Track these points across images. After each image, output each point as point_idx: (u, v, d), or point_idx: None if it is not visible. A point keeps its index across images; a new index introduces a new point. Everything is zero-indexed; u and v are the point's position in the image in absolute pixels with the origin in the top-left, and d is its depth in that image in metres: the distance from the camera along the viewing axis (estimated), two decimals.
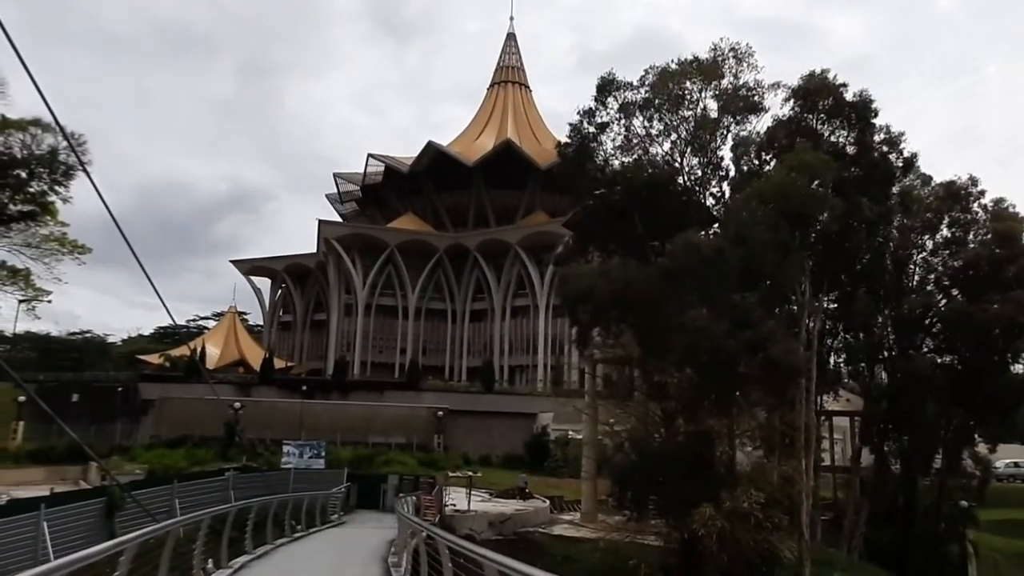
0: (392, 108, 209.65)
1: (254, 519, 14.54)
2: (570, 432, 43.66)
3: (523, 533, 24.49)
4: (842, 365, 33.20)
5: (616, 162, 23.58)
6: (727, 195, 23.04)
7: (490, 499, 29.55)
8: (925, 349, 30.58)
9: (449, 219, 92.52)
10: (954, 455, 31.35)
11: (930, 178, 31.49)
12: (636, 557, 17.15)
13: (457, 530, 21.81)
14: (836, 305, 28.24)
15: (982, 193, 30.41)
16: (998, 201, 30.65)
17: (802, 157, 18.84)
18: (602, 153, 23.55)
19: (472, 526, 23.98)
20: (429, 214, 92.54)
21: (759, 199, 18.79)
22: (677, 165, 23.50)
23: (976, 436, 32.34)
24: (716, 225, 22.91)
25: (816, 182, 19.12)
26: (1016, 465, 48.44)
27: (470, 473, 28.91)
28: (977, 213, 30.51)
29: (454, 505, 25.81)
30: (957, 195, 30.64)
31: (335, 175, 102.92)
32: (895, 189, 26.60)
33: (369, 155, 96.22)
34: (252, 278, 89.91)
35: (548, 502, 29.77)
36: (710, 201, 23.00)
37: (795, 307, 22.91)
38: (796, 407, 20.04)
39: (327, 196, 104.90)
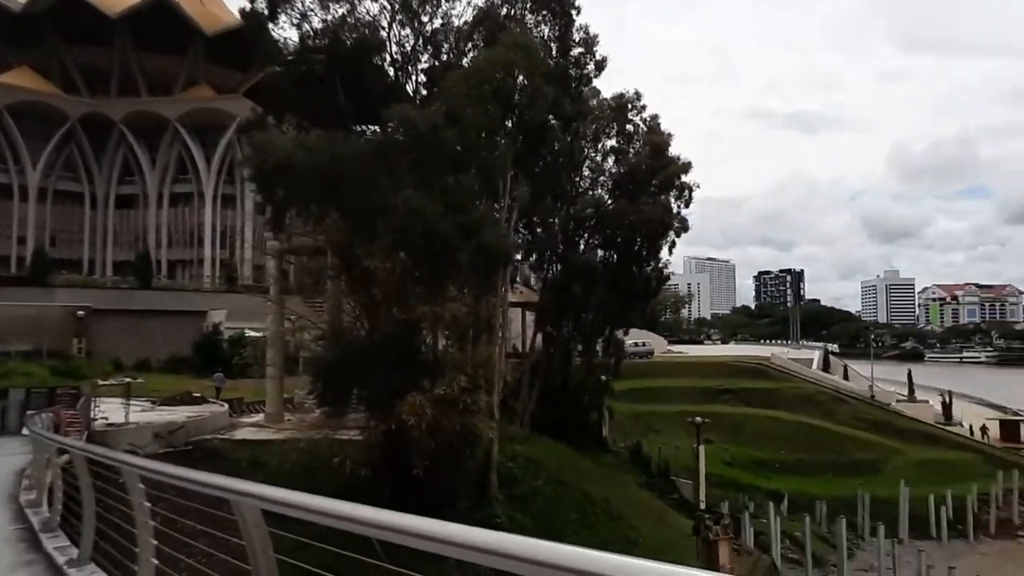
0: None
1: None
2: (247, 330, 40.12)
3: (199, 442, 21.63)
4: (521, 258, 35.53)
5: (316, 19, 20.47)
6: (437, 75, 21.70)
7: (153, 408, 25.52)
8: (592, 245, 34.15)
9: (84, 81, 75.41)
10: (606, 338, 36.25)
11: (599, 91, 34.30)
12: (339, 454, 16.03)
13: (113, 447, 18.23)
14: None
15: (644, 108, 34.18)
16: (654, 117, 34.81)
17: (519, 39, 18.34)
18: (299, 5, 20.18)
19: (132, 440, 20.32)
20: (55, 72, 74.02)
21: (475, 78, 17.88)
22: (385, 35, 21.33)
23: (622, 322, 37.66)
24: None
25: (528, 68, 18.85)
26: (635, 344, 58.97)
27: (128, 380, 24.40)
28: (639, 126, 34.30)
29: (106, 419, 21.55)
30: (624, 108, 33.94)
31: None
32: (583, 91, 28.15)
33: None
34: None
35: (227, 405, 26.90)
36: (421, 78, 21.49)
37: (489, 197, 23.16)
38: (495, 294, 20.47)
39: None
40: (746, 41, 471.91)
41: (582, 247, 33.97)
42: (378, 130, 20.61)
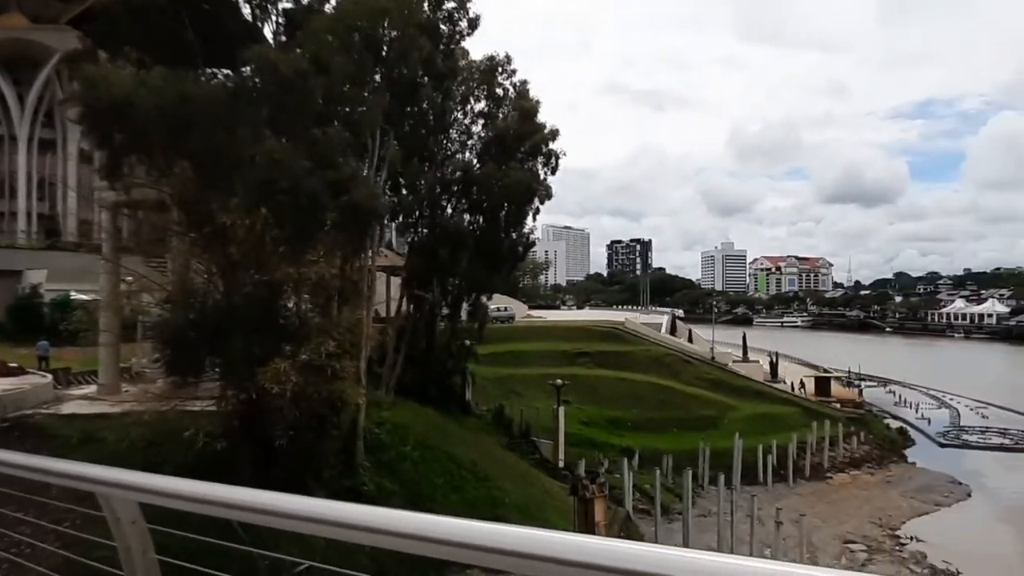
0: None
1: None
2: (73, 292, 35.96)
3: (17, 418, 19.10)
4: (387, 221, 34.41)
5: None
6: (299, 19, 20.05)
7: None
8: (460, 209, 33.73)
9: None
10: (472, 303, 36.23)
11: (468, 52, 33.61)
12: (190, 427, 14.70)
13: None
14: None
15: (514, 72, 33.92)
16: (523, 82, 34.65)
17: None
18: None
19: None
20: None
21: (343, 24, 16.71)
22: None
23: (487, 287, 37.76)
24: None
25: (401, 18, 17.92)
26: (498, 309, 59.77)
27: None
28: (508, 90, 34.02)
29: None
30: (495, 70, 33.49)
31: None
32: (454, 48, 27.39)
33: None
34: None
35: (50, 376, 23.97)
36: (281, 20, 19.72)
37: (356, 154, 22.00)
38: (364, 256, 19.61)
39: None
40: (606, 17, 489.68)
41: (450, 211, 33.46)
42: (231, 74, 18.82)
